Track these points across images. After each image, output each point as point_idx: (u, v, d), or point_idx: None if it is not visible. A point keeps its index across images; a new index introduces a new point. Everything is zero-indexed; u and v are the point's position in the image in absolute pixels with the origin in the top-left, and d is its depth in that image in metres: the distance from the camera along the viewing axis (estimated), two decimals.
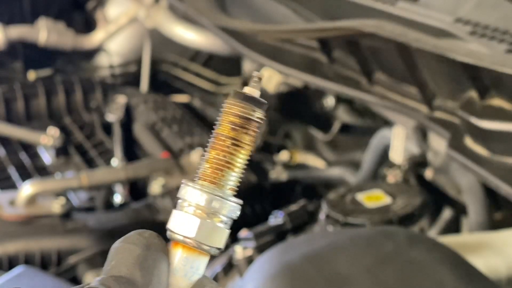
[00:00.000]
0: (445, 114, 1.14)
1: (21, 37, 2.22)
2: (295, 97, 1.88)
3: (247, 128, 0.48)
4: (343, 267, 0.94)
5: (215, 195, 0.48)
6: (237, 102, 0.48)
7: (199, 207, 0.48)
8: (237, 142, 0.48)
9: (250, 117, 0.48)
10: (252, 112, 0.49)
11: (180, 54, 2.35)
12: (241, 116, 0.48)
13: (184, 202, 0.49)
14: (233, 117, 0.48)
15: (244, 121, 0.48)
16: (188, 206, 0.48)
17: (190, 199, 0.48)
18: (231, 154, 0.48)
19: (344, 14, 1.22)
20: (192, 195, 0.48)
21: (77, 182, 1.54)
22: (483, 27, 1.00)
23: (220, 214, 0.48)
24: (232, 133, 0.48)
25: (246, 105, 0.48)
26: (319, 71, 1.35)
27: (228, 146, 0.48)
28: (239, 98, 0.49)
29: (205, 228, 0.48)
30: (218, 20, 1.54)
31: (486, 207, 1.27)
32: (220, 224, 0.48)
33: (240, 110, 0.48)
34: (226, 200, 0.48)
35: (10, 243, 1.41)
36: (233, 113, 0.48)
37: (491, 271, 1.03)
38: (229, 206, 0.48)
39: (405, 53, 1.12)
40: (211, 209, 0.48)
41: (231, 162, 0.48)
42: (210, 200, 0.48)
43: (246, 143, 0.49)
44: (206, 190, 0.48)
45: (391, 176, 1.40)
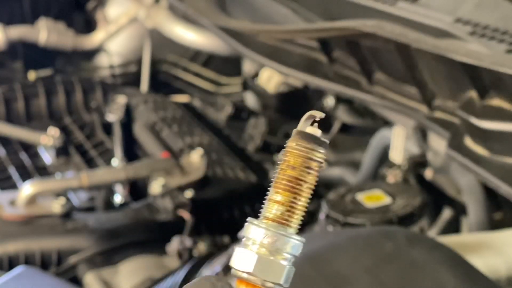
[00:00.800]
0: (445, 114, 1.14)
1: (21, 37, 2.23)
2: (295, 97, 1.88)
3: (312, 169, 0.50)
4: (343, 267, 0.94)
5: (279, 233, 0.49)
6: (306, 144, 0.50)
7: (263, 245, 0.49)
8: (304, 183, 0.50)
9: (316, 159, 0.50)
10: (318, 153, 0.50)
11: (180, 54, 2.35)
12: (309, 158, 0.50)
13: (249, 240, 0.50)
14: (302, 159, 0.50)
15: (311, 162, 0.50)
16: (253, 244, 0.50)
17: (255, 237, 0.49)
18: (298, 195, 0.50)
19: (344, 14, 1.22)
20: (257, 233, 0.49)
21: (77, 182, 1.54)
22: (483, 27, 1.00)
23: (284, 252, 0.50)
24: (300, 175, 0.50)
25: (313, 147, 0.50)
26: (319, 71, 1.35)
27: (296, 188, 0.50)
28: (306, 140, 0.50)
29: (271, 265, 0.49)
30: (218, 20, 1.54)
31: (486, 207, 1.27)
32: (284, 262, 0.50)
33: (308, 153, 0.50)
34: (289, 238, 0.49)
35: (10, 243, 1.41)
36: (302, 155, 0.50)
37: (491, 271, 1.03)
38: (292, 244, 0.50)
39: (405, 53, 1.12)
40: (276, 247, 0.49)
41: (298, 203, 0.50)
42: (274, 238, 0.49)
43: (311, 183, 0.50)
44: (270, 229, 0.49)
45: (391, 176, 1.40)
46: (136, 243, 1.45)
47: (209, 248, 1.44)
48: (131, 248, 1.44)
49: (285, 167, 0.50)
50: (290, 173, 0.49)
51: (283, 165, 0.50)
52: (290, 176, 0.49)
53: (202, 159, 1.66)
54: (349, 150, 1.84)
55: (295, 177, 0.49)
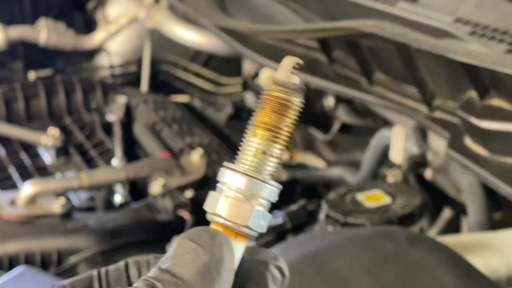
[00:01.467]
0: (444, 114, 1.14)
1: (21, 37, 2.23)
2: None
3: (287, 115, 0.49)
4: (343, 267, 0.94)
5: (255, 179, 0.48)
6: (278, 89, 0.49)
7: (239, 190, 0.48)
8: (277, 129, 0.49)
9: (291, 105, 0.49)
10: (293, 98, 0.49)
11: (180, 54, 2.35)
12: (282, 104, 0.49)
13: (224, 185, 0.49)
14: (274, 104, 0.49)
15: (285, 108, 0.49)
16: (228, 189, 0.48)
17: (230, 182, 0.48)
18: (271, 141, 0.49)
19: (344, 14, 1.22)
20: (233, 178, 0.48)
21: (78, 182, 1.55)
22: (482, 27, 1.00)
23: (259, 197, 0.48)
24: (273, 120, 0.48)
25: (287, 92, 0.49)
26: (319, 71, 1.35)
27: (269, 134, 0.49)
28: (279, 85, 0.49)
29: (245, 211, 0.48)
30: (218, 20, 1.54)
31: (485, 207, 1.27)
32: (260, 207, 0.49)
33: (281, 97, 0.49)
34: (265, 183, 0.48)
35: (10, 243, 1.41)
36: (274, 100, 0.49)
37: (490, 271, 1.03)
38: (268, 190, 0.49)
39: (405, 53, 1.12)
40: (250, 192, 0.48)
41: (270, 149, 0.49)
42: (250, 184, 0.48)
43: (286, 130, 0.49)
44: (246, 174, 0.48)
45: (391, 176, 1.40)
46: (136, 243, 1.45)
47: None
48: (131, 248, 1.44)
49: (260, 114, 0.49)
50: (266, 120, 0.48)
51: (258, 111, 0.49)
52: (265, 122, 0.48)
53: (202, 159, 1.66)
54: (349, 150, 1.84)
55: (271, 123, 0.48)
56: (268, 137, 0.48)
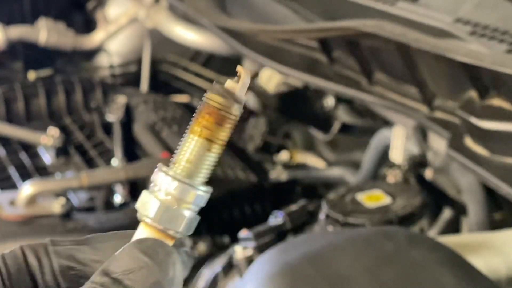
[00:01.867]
0: (445, 114, 1.14)
1: (21, 37, 2.23)
2: (295, 97, 1.88)
3: (223, 124, 0.49)
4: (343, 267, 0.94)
5: (185, 184, 0.49)
6: (216, 96, 0.49)
7: (169, 193, 0.49)
8: (213, 136, 0.49)
9: (228, 115, 0.49)
10: (230, 108, 0.49)
11: (180, 54, 2.35)
12: (218, 111, 0.49)
13: (155, 186, 0.50)
14: (211, 110, 0.49)
15: (221, 116, 0.49)
16: (159, 190, 0.49)
17: (162, 185, 0.49)
18: (205, 146, 0.49)
19: (344, 14, 1.22)
20: (164, 181, 0.49)
21: (77, 182, 1.54)
22: (483, 27, 1.00)
23: (188, 202, 0.49)
24: (210, 126, 0.49)
25: (224, 100, 0.49)
26: (319, 71, 1.35)
27: (203, 138, 0.49)
28: (219, 93, 0.49)
29: (172, 214, 0.49)
30: (218, 20, 1.54)
31: (486, 207, 1.27)
32: (186, 211, 0.49)
33: (217, 105, 0.49)
34: (194, 188, 0.49)
35: (10, 243, 1.41)
36: (211, 106, 0.49)
37: (491, 271, 1.03)
38: (197, 195, 0.49)
39: (405, 53, 1.12)
40: (180, 196, 0.49)
41: (203, 155, 0.49)
42: (180, 188, 0.49)
43: (220, 138, 0.49)
44: (177, 178, 0.48)
45: (391, 176, 1.40)
46: None
47: (209, 248, 1.43)
48: None
49: (199, 118, 0.49)
50: (203, 124, 0.49)
51: (197, 115, 0.49)
52: (203, 127, 0.49)
53: None
54: (349, 150, 1.84)
55: (207, 129, 0.49)
56: (203, 142, 0.49)
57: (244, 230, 1.30)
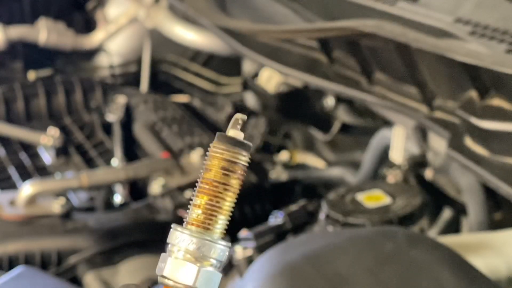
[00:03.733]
0: (445, 114, 1.14)
1: (21, 37, 2.23)
2: (295, 97, 1.88)
3: (235, 172, 0.49)
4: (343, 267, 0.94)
5: (204, 240, 0.48)
6: (225, 147, 0.49)
7: (188, 251, 0.48)
8: (225, 187, 0.49)
9: (237, 161, 0.49)
10: (240, 156, 0.49)
11: (180, 54, 2.35)
12: (229, 161, 0.49)
13: (174, 247, 0.49)
14: (221, 162, 0.49)
15: (232, 165, 0.49)
16: (178, 251, 0.49)
17: (180, 244, 0.49)
18: (219, 198, 0.49)
19: (344, 14, 1.22)
20: (182, 240, 0.49)
21: (77, 182, 1.54)
22: (483, 27, 1.00)
23: (210, 258, 0.49)
24: (220, 177, 0.49)
25: (233, 150, 0.49)
26: (319, 71, 1.35)
27: (216, 191, 0.49)
28: (225, 143, 0.49)
29: (193, 272, 0.48)
30: (218, 20, 1.54)
31: (486, 207, 1.27)
32: (210, 268, 0.49)
33: (228, 155, 0.49)
34: (215, 243, 0.49)
35: (10, 243, 1.41)
36: (221, 158, 0.49)
37: (491, 271, 1.03)
38: (218, 250, 0.49)
39: (405, 53, 1.12)
40: (200, 253, 0.48)
41: (219, 207, 0.49)
42: (198, 244, 0.48)
43: (234, 186, 0.49)
44: (195, 235, 0.48)
45: (391, 176, 1.40)
46: (136, 243, 1.45)
47: None
48: (131, 248, 1.44)
49: (206, 171, 0.49)
50: (210, 177, 0.49)
51: (205, 168, 0.50)
52: (210, 179, 0.49)
53: (202, 159, 1.66)
54: (349, 150, 1.84)
55: (215, 180, 0.49)
56: (215, 194, 0.49)
57: (244, 230, 1.30)
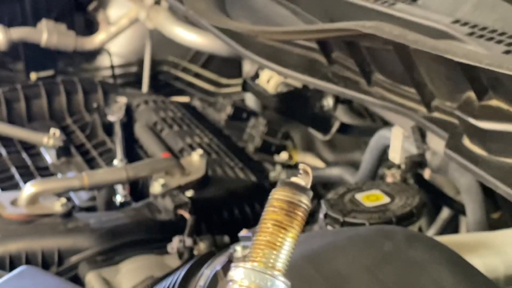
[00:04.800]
0: (443, 115, 1.14)
1: (22, 38, 2.23)
2: (295, 97, 1.88)
3: (295, 213, 0.53)
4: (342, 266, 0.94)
5: (265, 274, 0.51)
6: (288, 190, 0.54)
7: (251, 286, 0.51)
8: (286, 226, 0.53)
9: (298, 204, 0.53)
10: (300, 198, 0.54)
11: (181, 55, 2.36)
12: (290, 202, 0.53)
13: (235, 283, 0.52)
14: (283, 203, 0.53)
15: (293, 206, 0.53)
16: (240, 286, 0.51)
17: (242, 279, 0.51)
18: (281, 237, 0.52)
19: (343, 15, 1.23)
20: (244, 275, 0.51)
21: (79, 182, 1.55)
22: (481, 28, 1.01)
23: None
24: (282, 217, 0.53)
25: (295, 193, 0.54)
26: (318, 72, 1.35)
27: (278, 229, 0.52)
28: (290, 187, 0.54)
29: None
30: (218, 22, 1.55)
31: (484, 207, 1.27)
32: None
33: (290, 197, 0.53)
34: (275, 279, 0.52)
35: (12, 243, 1.41)
36: (283, 200, 0.53)
37: (489, 271, 1.03)
38: (278, 285, 0.52)
39: (403, 54, 1.13)
40: (261, 285, 0.51)
41: (280, 245, 0.52)
42: (261, 279, 0.51)
43: (294, 227, 0.53)
44: (257, 270, 0.51)
45: (389, 176, 1.41)
46: (137, 243, 1.45)
47: (209, 247, 1.44)
48: (132, 248, 1.44)
49: (271, 212, 0.53)
50: (275, 217, 0.53)
51: (269, 210, 0.53)
52: (275, 220, 0.53)
53: (202, 159, 1.67)
54: (348, 150, 1.85)
55: (280, 221, 0.53)
56: (278, 234, 0.52)
57: (244, 230, 1.30)
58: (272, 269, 0.51)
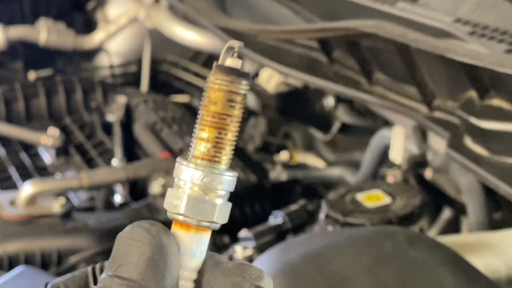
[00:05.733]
0: (444, 114, 1.14)
1: (21, 37, 2.23)
2: (295, 97, 1.88)
3: (236, 102, 0.48)
4: (343, 267, 0.94)
5: (210, 171, 0.47)
6: (228, 78, 0.48)
7: (195, 184, 0.47)
8: (232, 118, 0.48)
9: (239, 92, 0.48)
10: (241, 86, 0.48)
11: (180, 54, 2.35)
12: (234, 92, 0.48)
13: (180, 181, 0.48)
14: (226, 94, 0.48)
15: (233, 96, 0.48)
16: (184, 184, 0.48)
17: (186, 177, 0.47)
18: (227, 130, 0.48)
19: (344, 14, 1.22)
20: (187, 173, 0.48)
21: (77, 182, 1.55)
22: (482, 27, 1.00)
23: (216, 189, 0.48)
24: (227, 109, 0.47)
25: (237, 81, 0.48)
26: (319, 71, 1.35)
27: (224, 123, 0.48)
28: (226, 73, 0.48)
29: (203, 204, 0.48)
30: (218, 20, 1.54)
31: (485, 207, 1.27)
32: (219, 199, 0.48)
33: (233, 87, 0.48)
34: (221, 174, 0.48)
35: (10, 243, 1.41)
36: (225, 90, 0.48)
37: (490, 271, 1.03)
38: (224, 180, 0.48)
39: (404, 54, 1.12)
40: (207, 185, 0.47)
41: (229, 139, 0.48)
42: (205, 177, 0.47)
43: (238, 117, 0.48)
44: (200, 168, 0.47)
45: (390, 176, 1.40)
46: None
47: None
48: None
49: (208, 103, 0.48)
50: (213, 109, 0.47)
51: (205, 101, 0.48)
52: (213, 111, 0.47)
53: None
54: (349, 150, 1.84)
55: (218, 112, 0.47)
56: (218, 126, 0.47)
57: (244, 230, 1.30)
58: (216, 164, 0.48)
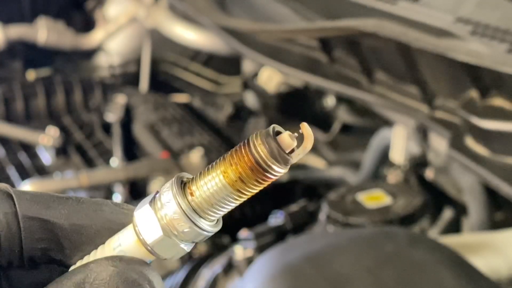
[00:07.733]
0: (445, 114, 1.13)
1: (20, 36, 2.22)
2: (295, 97, 1.88)
3: (260, 179, 0.41)
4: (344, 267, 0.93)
5: (189, 219, 0.43)
6: (265, 150, 0.40)
7: (171, 219, 0.43)
8: (241, 188, 0.42)
9: (270, 171, 0.40)
10: (276, 168, 0.40)
11: (180, 53, 2.35)
12: (261, 167, 0.40)
13: (159, 202, 0.44)
14: (253, 164, 0.40)
15: (262, 172, 0.40)
16: (161, 209, 0.43)
17: (167, 206, 0.43)
18: (231, 195, 0.42)
19: (345, 13, 1.22)
20: (171, 204, 0.43)
21: (77, 182, 1.54)
22: (484, 27, 1.00)
23: (187, 237, 0.43)
24: (243, 178, 0.41)
25: (271, 156, 0.40)
26: (320, 71, 1.35)
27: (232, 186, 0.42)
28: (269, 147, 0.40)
29: (167, 243, 0.43)
30: (218, 20, 1.54)
31: (486, 207, 1.26)
32: (182, 245, 0.44)
33: (263, 162, 0.40)
34: (198, 227, 0.43)
35: None
36: (255, 160, 0.40)
37: (491, 271, 1.03)
38: (196, 233, 0.43)
39: (405, 53, 1.12)
40: (180, 229, 0.43)
41: (226, 199, 0.43)
42: (182, 221, 0.43)
43: (249, 189, 0.42)
44: (185, 210, 0.42)
45: (391, 176, 1.40)
46: None
47: (209, 248, 1.43)
48: None
49: (238, 164, 0.41)
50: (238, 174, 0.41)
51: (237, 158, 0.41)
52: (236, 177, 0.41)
53: (202, 159, 1.66)
54: (349, 150, 1.84)
55: (244, 177, 0.41)
56: (230, 189, 0.41)
57: (244, 230, 1.30)
58: (200, 215, 0.42)
